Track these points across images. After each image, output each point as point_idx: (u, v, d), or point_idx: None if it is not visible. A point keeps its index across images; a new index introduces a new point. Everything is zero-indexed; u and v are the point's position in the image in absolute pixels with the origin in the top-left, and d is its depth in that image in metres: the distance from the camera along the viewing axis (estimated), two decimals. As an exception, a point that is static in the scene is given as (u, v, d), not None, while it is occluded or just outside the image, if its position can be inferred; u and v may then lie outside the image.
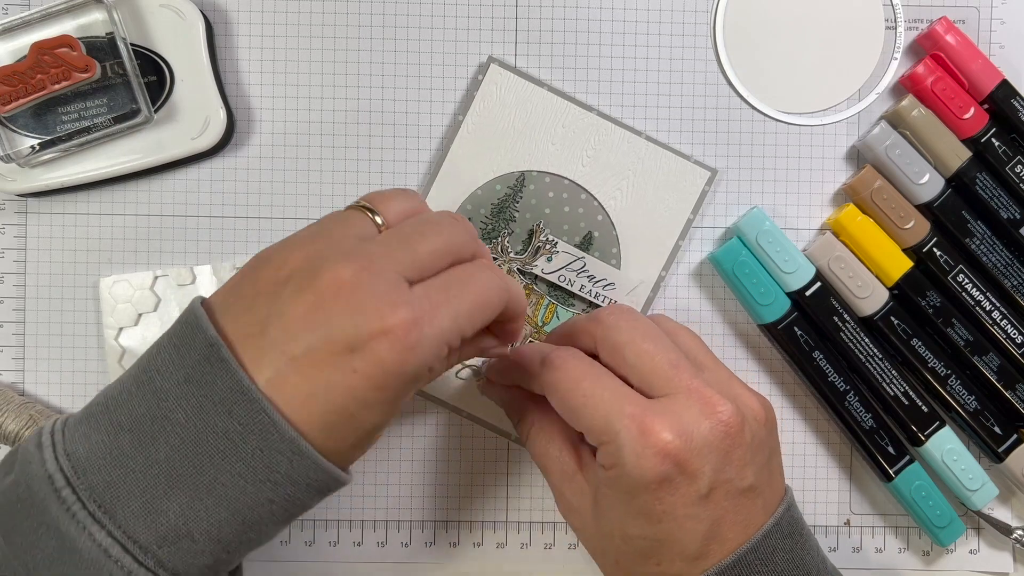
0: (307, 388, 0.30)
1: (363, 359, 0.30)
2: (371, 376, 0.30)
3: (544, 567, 0.46)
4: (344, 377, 0.30)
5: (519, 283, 0.38)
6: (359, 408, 0.30)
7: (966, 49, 0.45)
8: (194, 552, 0.30)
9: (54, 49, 0.42)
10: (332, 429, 0.31)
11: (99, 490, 0.29)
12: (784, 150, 0.46)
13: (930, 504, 0.44)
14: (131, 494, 0.29)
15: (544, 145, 0.45)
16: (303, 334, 0.30)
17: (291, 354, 0.30)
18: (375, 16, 0.46)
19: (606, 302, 0.45)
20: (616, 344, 0.36)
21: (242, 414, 0.29)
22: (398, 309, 0.30)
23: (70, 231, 0.45)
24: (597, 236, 0.45)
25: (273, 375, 0.30)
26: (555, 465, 0.38)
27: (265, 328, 0.30)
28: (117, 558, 0.29)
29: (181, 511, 0.30)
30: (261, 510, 0.31)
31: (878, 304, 0.44)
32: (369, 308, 0.30)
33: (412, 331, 0.30)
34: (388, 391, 0.30)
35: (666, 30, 0.46)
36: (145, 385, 0.31)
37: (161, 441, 0.30)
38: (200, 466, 0.30)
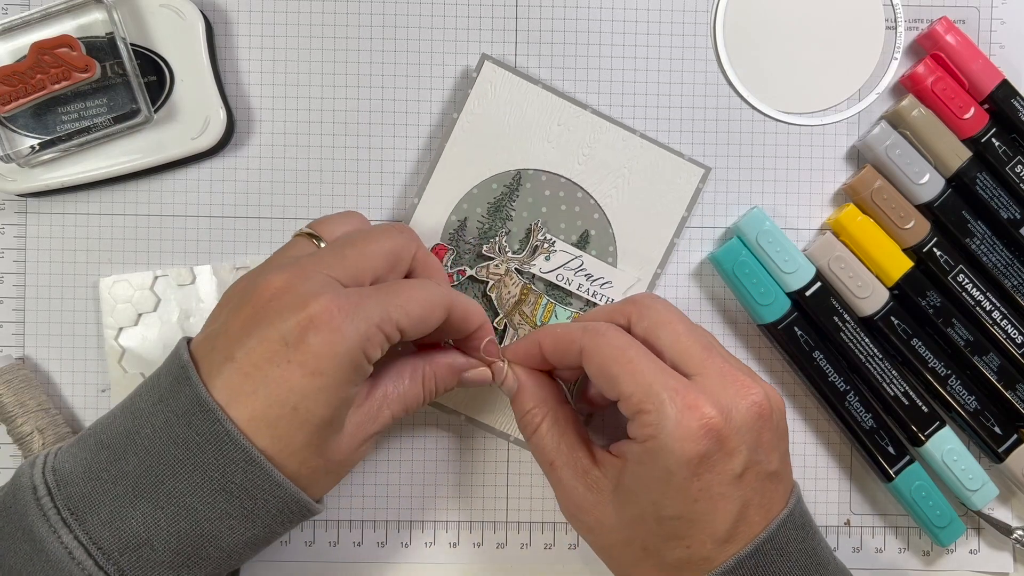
0: (249, 387, 0.32)
1: (296, 349, 0.32)
2: (304, 363, 0.32)
3: (544, 567, 0.46)
4: (281, 370, 0.32)
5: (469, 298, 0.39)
6: (299, 399, 0.32)
7: (966, 49, 0.45)
8: (154, 562, 0.32)
9: (54, 49, 0.42)
10: (277, 424, 0.32)
11: (74, 500, 0.32)
12: (784, 150, 0.46)
13: (930, 504, 0.44)
14: (101, 503, 0.32)
15: (540, 144, 0.45)
16: (242, 339, 0.33)
17: (234, 359, 0.33)
18: (375, 16, 0.46)
19: (603, 301, 0.45)
20: (652, 323, 0.37)
21: (200, 425, 0.32)
22: (321, 298, 0.32)
23: (70, 231, 0.45)
24: (594, 234, 0.45)
25: (222, 384, 0.32)
26: (568, 460, 0.38)
27: (215, 344, 0.33)
28: (80, 560, 0.31)
29: (143, 520, 0.32)
30: (219, 524, 0.32)
31: (878, 304, 0.44)
32: (297, 304, 0.32)
33: (336, 315, 0.32)
34: (324, 376, 0.32)
35: (666, 30, 0.46)
36: (127, 407, 0.34)
37: (131, 454, 0.32)
38: (162, 476, 0.32)
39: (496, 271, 0.44)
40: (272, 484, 0.32)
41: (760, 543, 0.34)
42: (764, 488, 0.35)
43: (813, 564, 0.35)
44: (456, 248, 0.45)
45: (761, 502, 0.35)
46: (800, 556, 0.35)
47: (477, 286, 0.45)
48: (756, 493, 0.34)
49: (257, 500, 0.33)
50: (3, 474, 0.45)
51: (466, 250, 0.45)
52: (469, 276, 0.44)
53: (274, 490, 0.33)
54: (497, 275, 0.44)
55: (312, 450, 0.33)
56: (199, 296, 0.45)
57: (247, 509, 0.33)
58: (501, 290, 0.44)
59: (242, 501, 0.32)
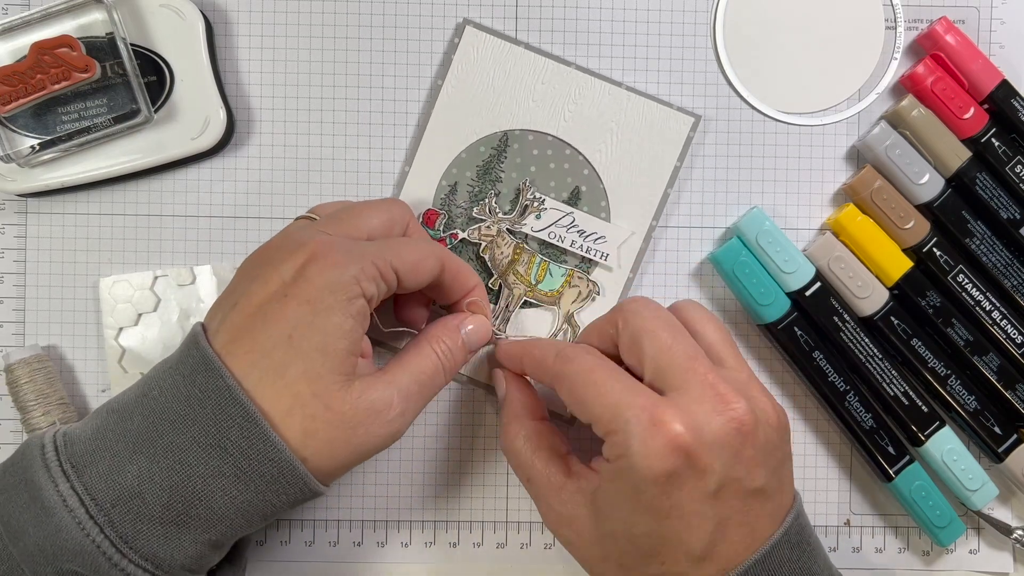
0: (249, 324, 0.34)
1: (292, 284, 0.34)
2: (298, 295, 0.33)
3: (544, 567, 0.46)
4: (279, 305, 0.34)
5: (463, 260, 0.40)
6: (293, 327, 0.33)
7: (966, 49, 0.45)
8: (143, 515, 0.32)
9: (54, 49, 0.42)
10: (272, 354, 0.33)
11: (77, 456, 0.33)
12: (784, 150, 0.46)
13: (930, 504, 0.44)
14: (101, 458, 0.33)
15: (525, 103, 0.45)
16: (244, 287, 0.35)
17: (236, 305, 0.34)
18: (375, 16, 0.46)
19: (599, 256, 0.45)
20: (636, 331, 0.36)
21: (203, 382, 0.33)
22: (316, 239, 0.35)
23: (70, 231, 0.45)
24: (584, 190, 0.45)
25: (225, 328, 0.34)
26: (541, 476, 0.38)
27: (221, 303, 0.36)
28: (72, 508, 0.32)
29: (139, 473, 0.32)
30: (212, 482, 0.32)
31: (878, 304, 0.44)
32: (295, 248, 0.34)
33: (332, 250, 0.34)
34: (316, 304, 0.33)
35: (666, 30, 0.46)
36: (141, 380, 0.35)
37: (136, 414, 0.33)
38: (161, 431, 0.33)
39: (488, 232, 0.44)
40: (268, 446, 0.32)
41: (749, 567, 0.33)
42: (747, 506, 0.34)
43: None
44: (448, 212, 0.45)
45: (743, 520, 0.34)
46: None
47: (470, 249, 0.45)
48: (736, 511, 0.34)
49: (252, 460, 0.33)
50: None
51: (458, 214, 0.45)
52: (462, 239, 0.45)
53: (270, 452, 0.33)
54: (489, 236, 0.44)
55: (307, 384, 0.33)
56: (199, 296, 0.45)
57: (241, 469, 0.33)
58: (494, 251, 0.44)
59: (236, 460, 0.32)
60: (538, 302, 0.45)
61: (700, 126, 0.46)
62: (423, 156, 0.45)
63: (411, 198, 0.45)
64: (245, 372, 0.33)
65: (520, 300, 0.45)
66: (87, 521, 0.32)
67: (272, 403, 0.33)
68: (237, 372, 0.33)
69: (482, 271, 0.45)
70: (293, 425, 0.33)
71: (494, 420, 0.46)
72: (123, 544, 0.32)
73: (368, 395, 0.34)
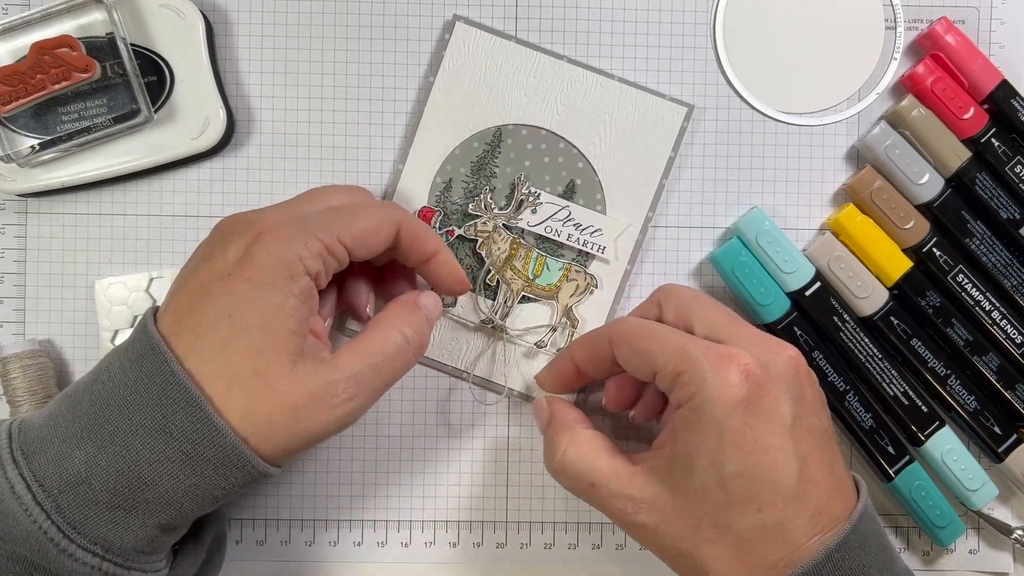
0: (194, 304, 0.34)
1: (237, 263, 0.34)
2: (241, 273, 0.34)
3: (544, 567, 0.46)
4: (223, 284, 0.34)
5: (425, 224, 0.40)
6: (234, 305, 0.33)
7: (966, 49, 0.45)
8: (90, 501, 0.32)
9: (54, 49, 0.42)
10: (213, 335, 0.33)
11: (29, 443, 0.33)
12: (784, 150, 0.46)
13: (930, 504, 0.44)
14: (51, 444, 0.33)
15: (517, 98, 0.45)
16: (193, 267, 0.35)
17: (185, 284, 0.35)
18: (375, 16, 0.46)
19: (595, 249, 0.45)
20: (681, 302, 0.38)
21: (149, 366, 0.33)
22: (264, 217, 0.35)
23: (70, 231, 0.45)
24: (579, 184, 0.45)
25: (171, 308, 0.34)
26: (608, 472, 0.37)
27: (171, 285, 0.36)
28: (19, 495, 0.32)
29: (86, 459, 0.32)
30: (158, 467, 0.32)
31: (878, 304, 0.44)
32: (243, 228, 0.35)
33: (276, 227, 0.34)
34: (256, 281, 0.33)
35: (666, 30, 0.46)
36: (97, 364, 0.35)
37: (85, 399, 0.34)
38: (108, 416, 0.33)
39: (484, 228, 0.45)
40: (213, 430, 0.32)
41: (846, 535, 0.33)
42: (821, 444, 0.35)
43: (888, 558, 0.35)
44: (443, 209, 0.45)
45: (822, 459, 0.34)
46: (878, 549, 0.35)
47: (467, 245, 0.45)
48: (814, 448, 0.34)
49: (196, 445, 0.32)
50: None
51: (453, 210, 0.45)
52: (458, 236, 0.45)
53: (215, 437, 0.32)
54: (485, 232, 0.45)
55: (248, 361, 0.33)
56: None
57: (186, 454, 0.32)
58: (491, 246, 0.44)
59: (181, 444, 0.32)
60: (536, 296, 0.45)
61: (701, 126, 0.46)
62: (417, 153, 0.45)
63: (406, 195, 0.45)
64: (186, 351, 0.33)
65: (519, 295, 0.45)
66: (33, 507, 0.32)
67: (212, 381, 0.33)
68: (179, 351, 0.33)
69: (479, 267, 0.45)
70: (233, 403, 0.33)
71: (495, 420, 0.46)
72: (71, 529, 0.32)
73: (313, 379, 0.34)
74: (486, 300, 0.45)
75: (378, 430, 0.46)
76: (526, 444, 0.46)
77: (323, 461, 0.46)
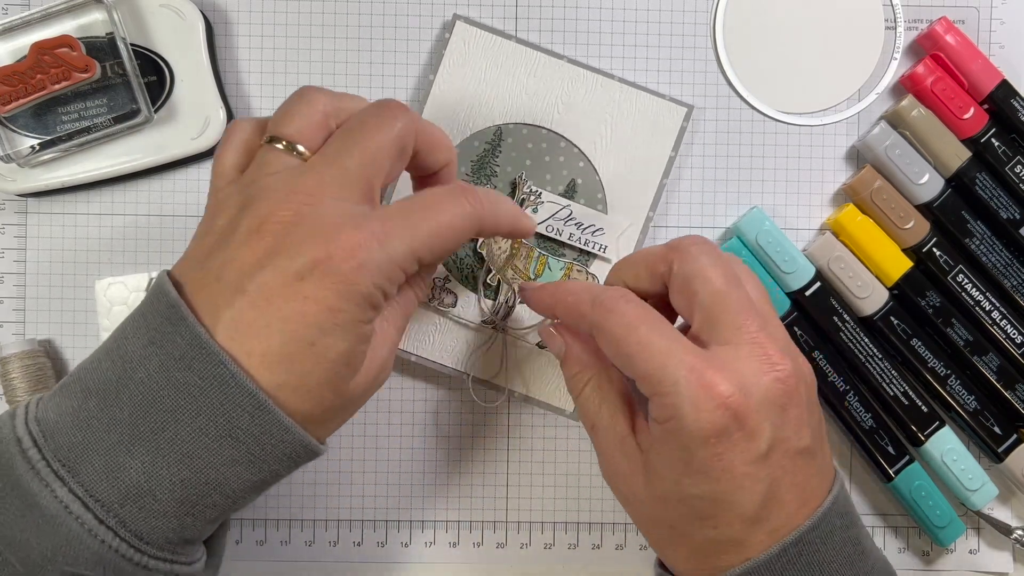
0: (263, 321, 0.31)
1: (312, 284, 0.31)
2: (321, 299, 0.31)
3: (544, 567, 0.46)
4: (297, 305, 0.31)
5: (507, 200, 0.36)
6: (316, 334, 0.31)
7: (966, 49, 0.45)
8: (156, 512, 0.30)
9: (54, 49, 0.42)
10: (293, 361, 0.31)
11: (64, 451, 0.30)
12: (784, 150, 0.46)
13: (930, 504, 0.44)
14: (95, 453, 0.30)
15: (518, 97, 0.45)
16: (254, 272, 0.31)
17: (245, 291, 0.31)
18: (375, 16, 0.46)
19: (597, 248, 0.45)
20: (691, 274, 0.34)
21: (201, 368, 0.30)
22: (341, 232, 0.31)
23: (70, 231, 0.45)
24: (580, 183, 0.45)
25: (230, 317, 0.31)
26: (607, 426, 0.36)
27: (220, 275, 0.31)
28: (78, 514, 0.29)
29: (143, 468, 0.30)
30: (225, 470, 0.31)
31: (878, 304, 0.44)
32: (314, 236, 0.31)
33: (357, 252, 0.31)
34: (341, 313, 0.31)
35: (666, 30, 0.46)
36: (113, 352, 0.32)
37: (125, 400, 0.31)
38: (161, 423, 0.30)
39: None
40: (281, 429, 0.31)
41: (803, 532, 0.33)
42: (796, 465, 0.33)
43: (857, 552, 0.34)
44: None
45: (793, 480, 0.33)
46: (844, 544, 0.34)
47: (467, 244, 0.45)
48: (786, 472, 0.33)
49: (265, 446, 0.31)
50: None
51: None
52: None
53: (283, 435, 0.31)
54: None
55: (329, 387, 0.32)
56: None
57: (254, 454, 0.31)
58: (492, 246, 0.44)
59: (249, 447, 0.31)
60: None
61: (701, 126, 0.46)
62: None
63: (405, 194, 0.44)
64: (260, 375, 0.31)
65: None
66: (98, 527, 0.30)
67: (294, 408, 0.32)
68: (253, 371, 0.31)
69: (480, 266, 0.45)
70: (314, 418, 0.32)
71: (495, 420, 0.46)
72: (140, 542, 0.30)
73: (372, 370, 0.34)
74: (487, 300, 0.45)
75: (378, 430, 0.46)
76: (526, 444, 0.46)
77: (323, 461, 0.46)
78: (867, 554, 0.35)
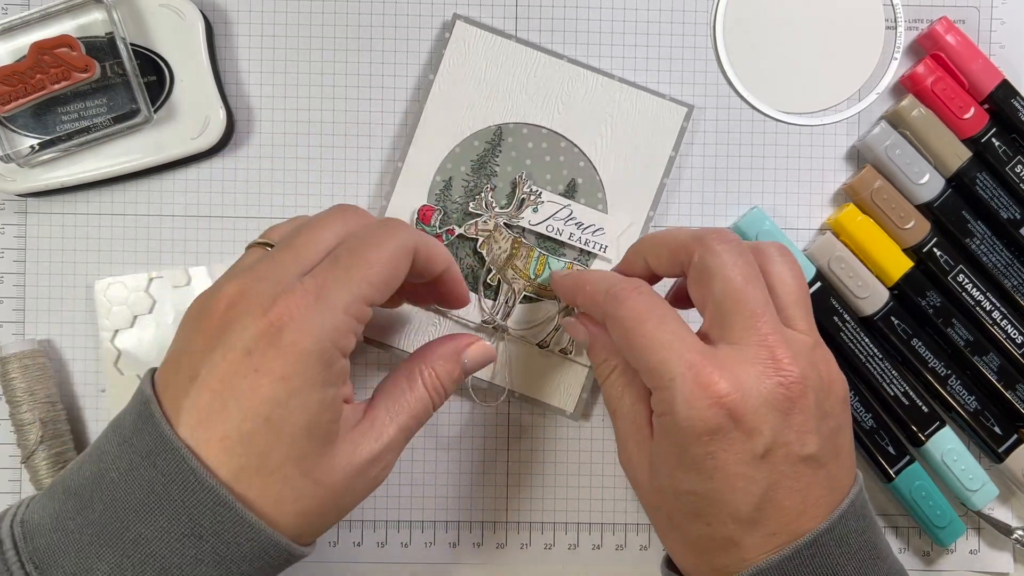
0: (219, 404, 0.30)
1: (259, 356, 0.30)
2: (271, 370, 0.30)
3: (544, 567, 0.46)
4: (249, 381, 0.30)
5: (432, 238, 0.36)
6: (271, 408, 0.30)
7: (966, 49, 0.45)
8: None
9: (54, 49, 0.42)
10: (251, 441, 0.30)
11: (40, 552, 0.30)
12: (784, 150, 0.46)
13: (930, 504, 0.44)
14: (66, 555, 0.30)
15: (518, 96, 0.45)
16: (205, 356, 0.31)
17: (198, 377, 0.31)
18: (375, 16, 0.46)
19: (597, 248, 0.45)
20: (709, 268, 0.34)
21: (164, 465, 0.30)
22: (279, 300, 0.31)
23: (69, 231, 0.45)
24: (581, 183, 0.45)
25: (189, 406, 0.30)
26: (627, 413, 0.36)
27: (178, 368, 0.32)
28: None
29: (110, 570, 0.30)
30: (190, 570, 0.30)
31: (878, 304, 0.44)
32: (255, 309, 0.31)
33: (297, 314, 0.30)
34: (293, 380, 0.30)
35: (666, 30, 0.46)
36: (95, 451, 0.32)
37: (97, 501, 0.30)
38: (127, 522, 0.30)
39: (485, 227, 0.44)
40: (244, 526, 0.30)
41: (819, 534, 0.32)
42: (798, 471, 0.33)
43: (872, 557, 0.33)
44: (443, 208, 0.45)
45: (794, 486, 0.32)
46: (860, 548, 0.33)
47: (467, 244, 0.45)
48: (786, 476, 0.32)
49: (230, 544, 0.30)
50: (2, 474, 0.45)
51: (453, 209, 0.45)
52: (458, 235, 0.45)
53: (247, 532, 0.30)
54: (486, 231, 0.44)
55: (294, 466, 0.31)
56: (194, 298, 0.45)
57: (220, 554, 0.30)
58: (491, 245, 0.44)
59: (213, 546, 0.30)
60: (538, 296, 0.45)
61: (701, 126, 0.46)
62: (416, 152, 0.45)
63: (405, 194, 0.45)
64: (221, 460, 0.30)
65: (520, 295, 0.45)
66: None
67: (260, 493, 0.31)
68: (211, 461, 0.30)
69: (480, 266, 0.45)
70: (286, 509, 0.31)
71: (495, 420, 0.46)
72: None
73: (357, 457, 0.33)
74: (487, 300, 0.45)
75: (378, 430, 0.46)
76: (527, 444, 0.46)
77: (323, 461, 0.46)
78: (882, 558, 0.34)
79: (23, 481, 0.45)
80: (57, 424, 0.43)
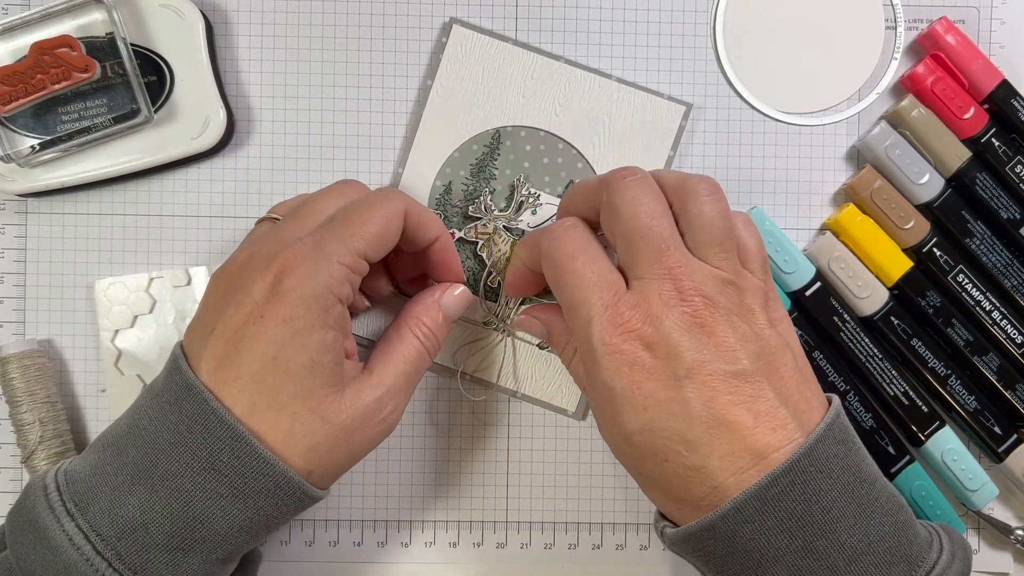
0: (232, 350, 0.34)
1: (266, 304, 0.34)
2: (275, 314, 0.34)
3: (544, 567, 0.46)
4: (257, 327, 0.34)
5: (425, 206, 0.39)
6: (277, 348, 0.33)
7: (966, 49, 0.45)
8: (148, 545, 0.32)
9: (54, 49, 0.42)
10: (262, 379, 0.33)
11: (80, 494, 0.34)
12: (784, 150, 0.46)
13: (930, 504, 0.44)
14: (102, 493, 0.33)
15: (515, 99, 0.45)
16: (220, 312, 0.35)
17: (214, 330, 0.34)
18: (375, 16, 0.46)
19: None
20: (616, 209, 0.35)
21: (188, 407, 0.33)
22: (280, 253, 0.34)
23: (70, 231, 0.45)
24: None
25: (209, 356, 0.34)
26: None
27: (199, 327, 0.35)
28: (79, 545, 0.32)
29: (139, 504, 0.33)
30: (211, 504, 0.33)
31: (878, 304, 0.44)
32: (261, 265, 0.34)
33: (296, 262, 0.34)
34: (295, 321, 0.34)
35: (666, 30, 0.46)
36: (131, 408, 0.36)
37: (131, 447, 0.34)
38: (155, 461, 0.33)
39: (484, 230, 0.45)
40: (259, 460, 0.33)
41: (795, 460, 0.32)
42: (731, 387, 0.33)
43: (858, 481, 0.33)
44: (443, 212, 0.45)
45: (734, 400, 0.32)
46: (843, 472, 0.33)
47: (468, 247, 0.45)
48: (721, 392, 0.32)
49: (247, 479, 0.33)
50: (2, 474, 0.45)
51: (453, 213, 0.45)
52: (458, 238, 0.45)
53: (262, 467, 0.33)
54: (486, 234, 0.45)
55: (302, 403, 0.34)
56: (195, 298, 0.45)
57: (237, 488, 0.33)
58: (491, 248, 0.45)
59: (231, 480, 0.33)
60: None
61: (701, 126, 0.46)
62: (416, 156, 0.45)
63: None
64: (236, 399, 0.34)
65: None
66: (95, 557, 0.32)
67: (271, 427, 0.34)
68: (228, 400, 0.34)
69: (480, 268, 0.45)
70: (296, 444, 0.34)
71: (495, 420, 0.46)
72: (133, 575, 0.32)
73: (360, 400, 0.35)
74: (488, 302, 0.45)
75: (378, 430, 0.46)
76: (526, 444, 0.46)
77: (323, 461, 0.46)
78: (869, 482, 0.34)
79: (23, 481, 0.45)
80: (57, 424, 0.43)
